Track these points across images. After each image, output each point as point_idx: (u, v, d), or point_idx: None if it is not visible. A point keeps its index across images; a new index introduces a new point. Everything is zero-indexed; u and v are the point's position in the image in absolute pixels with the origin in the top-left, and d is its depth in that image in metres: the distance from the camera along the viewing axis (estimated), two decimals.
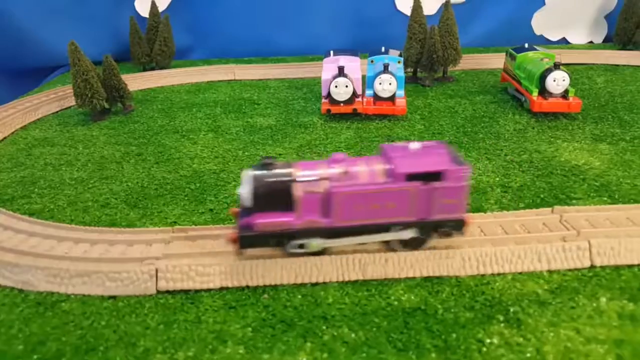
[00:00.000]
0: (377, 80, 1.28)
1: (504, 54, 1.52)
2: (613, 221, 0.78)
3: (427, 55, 1.52)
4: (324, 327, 0.64)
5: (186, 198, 0.95)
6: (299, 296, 0.69)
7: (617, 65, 1.71)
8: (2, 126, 1.31)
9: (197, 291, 0.70)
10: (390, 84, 1.28)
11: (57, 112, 1.46)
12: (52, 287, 0.70)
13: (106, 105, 1.38)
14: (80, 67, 1.31)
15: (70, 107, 1.48)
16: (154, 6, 1.82)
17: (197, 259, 0.72)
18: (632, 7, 1.81)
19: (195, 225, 0.85)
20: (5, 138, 1.28)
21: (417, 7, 1.52)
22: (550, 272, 0.72)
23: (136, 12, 1.96)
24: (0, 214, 0.87)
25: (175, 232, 0.78)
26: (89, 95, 1.32)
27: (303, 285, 0.71)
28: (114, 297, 0.70)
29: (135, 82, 1.67)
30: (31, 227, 0.82)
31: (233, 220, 0.78)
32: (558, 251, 0.73)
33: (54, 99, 1.51)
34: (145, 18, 1.86)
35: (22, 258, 0.73)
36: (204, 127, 1.31)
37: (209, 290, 0.70)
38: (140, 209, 0.91)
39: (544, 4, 1.99)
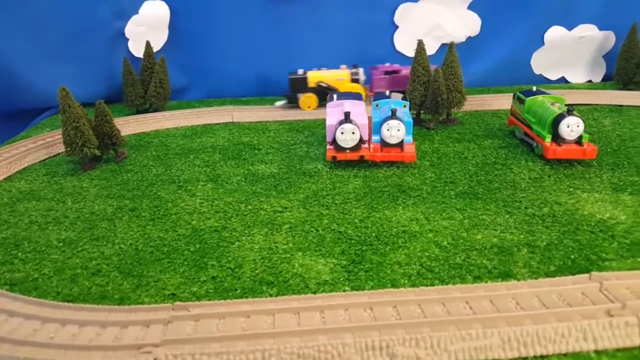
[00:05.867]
0: (384, 127, 1.23)
1: (506, 94, 1.48)
2: None
3: (432, 98, 1.48)
4: None
5: (185, 263, 0.86)
6: None
7: (621, 106, 1.68)
8: None
9: None
10: (398, 130, 1.22)
11: (44, 160, 1.38)
12: None
13: (97, 153, 1.31)
14: (71, 114, 1.24)
15: (58, 154, 1.40)
16: (148, 47, 1.77)
17: (201, 344, 0.63)
18: (632, 47, 1.81)
19: (197, 296, 0.77)
20: None
21: (420, 50, 1.49)
22: (597, 352, 0.65)
23: (129, 52, 1.91)
24: None
25: (176, 309, 0.70)
26: (80, 143, 1.24)
27: None
28: None
29: (129, 125, 1.61)
30: (11, 303, 0.72)
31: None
32: (605, 328, 0.65)
33: (41, 145, 1.43)
34: (139, 59, 1.81)
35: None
36: (202, 177, 1.24)
37: None
38: (135, 277, 0.83)
39: (543, 44, 1.99)
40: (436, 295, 0.71)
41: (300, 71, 1.74)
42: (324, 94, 1.67)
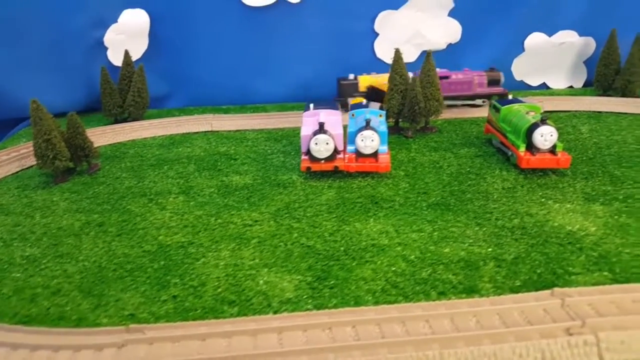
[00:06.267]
0: (358, 137, 1.22)
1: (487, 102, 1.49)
2: (619, 306, 0.71)
3: (409, 106, 1.48)
4: None
5: (147, 281, 0.85)
6: None
7: (600, 112, 1.68)
8: None
9: None
10: (372, 140, 1.22)
11: (17, 172, 1.37)
12: None
13: (70, 165, 1.29)
14: (42, 126, 1.22)
15: (31, 166, 1.38)
16: (127, 55, 1.76)
17: None
18: (612, 54, 1.81)
19: (156, 317, 0.76)
20: None
21: (398, 58, 1.49)
22: None
23: (109, 61, 1.89)
24: None
25: (131, 331, 0.69)
26: (51, 156, 1.23)
27: None
28: None
29: (106, 135, 1.59)
30: None
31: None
32: (563, 347, 0.65)
33: (14, 157, 1.41)
34: (119, 67, 1.80)
35: None
36: (174, 189, 1.22)
37: None
38: (95, 296, 0.81)
39: (524, 50, 1.99)
40: (397, 314, 0.71)
41: (351, 76, 1.74)
42: (374, 97, 1.67)
